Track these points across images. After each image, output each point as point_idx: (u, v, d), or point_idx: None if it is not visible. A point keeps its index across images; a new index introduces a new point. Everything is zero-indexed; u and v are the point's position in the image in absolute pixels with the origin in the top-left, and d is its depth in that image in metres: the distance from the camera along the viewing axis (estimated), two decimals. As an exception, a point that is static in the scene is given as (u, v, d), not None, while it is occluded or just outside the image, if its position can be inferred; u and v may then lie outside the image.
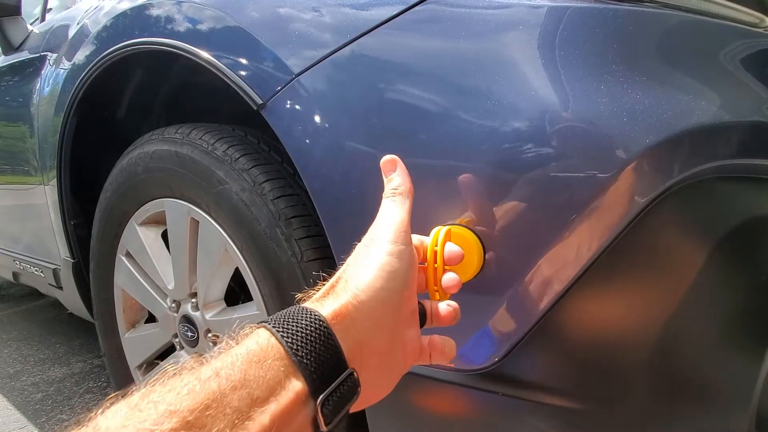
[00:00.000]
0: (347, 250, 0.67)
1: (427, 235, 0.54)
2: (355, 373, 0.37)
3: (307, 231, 0.76)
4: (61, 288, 1.40)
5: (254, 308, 0.83)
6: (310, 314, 0.37)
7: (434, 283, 0.54)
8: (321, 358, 0.35)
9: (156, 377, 0.32)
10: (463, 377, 0.62)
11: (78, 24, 1.23)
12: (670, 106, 0.53)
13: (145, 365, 1.13)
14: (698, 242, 0.57)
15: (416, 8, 0.62)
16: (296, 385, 0.34)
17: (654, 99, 0.53)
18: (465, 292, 0.59)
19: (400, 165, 0.49)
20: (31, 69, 1.39)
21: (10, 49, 1.53)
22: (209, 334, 0.93)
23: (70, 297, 1.37)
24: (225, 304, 0.92)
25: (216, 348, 0.36)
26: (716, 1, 0.65)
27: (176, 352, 1.04)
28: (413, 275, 0.44)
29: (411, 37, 0.62)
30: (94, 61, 1.03)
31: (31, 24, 1.61)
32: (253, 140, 0.86)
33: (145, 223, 1.02)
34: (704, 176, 0.55)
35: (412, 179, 0.50)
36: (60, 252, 1.33)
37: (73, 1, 1.48)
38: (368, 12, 0.65)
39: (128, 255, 1.07)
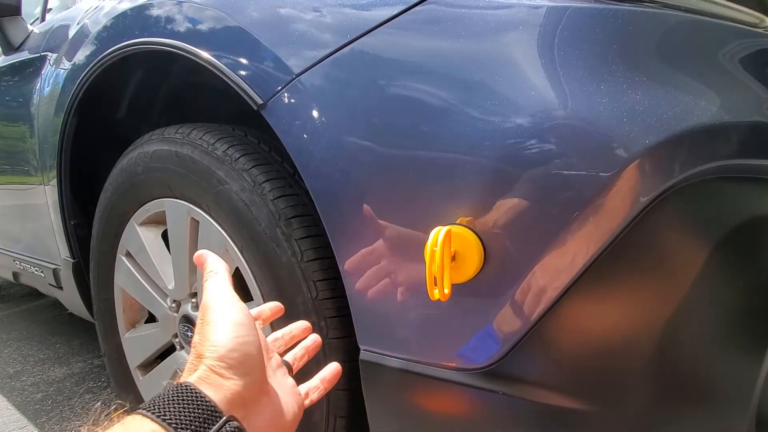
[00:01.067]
0: (347, 249, 0.67)
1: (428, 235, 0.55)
2: (234, 419, 0.39)
3: (307, 231, 0.76)
4: (61, 288, 1.40)
5: (254, 308, 0.83)
6: (175, 385, 0.39)
7: (433, 284, 0.54)
8: (192, 414, 0.37)
9: None
10: (463, 376, 0.62)
11: (78, 24, 1.23)
12: (670, 106, 0.53)
13: (145, 365, 1.13)
14: (699, 242, 0.57)
15: (416, 8, 0.62)
16: None
17: (654, 99, 0.53)
18: (465, 292, 0.59)
19: (207, 253, 0.54)
20: (31, 69, 1.39)
21: (10, 49, 1.53)
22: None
23: (70, 297, 1.37)
24: (225, 304, 0.92)
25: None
26: (716, 1, 0.65)
27: (176, 352, 1.04)
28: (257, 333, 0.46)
29: (411, 37, 0.62)
30: (95, 61, 1.03)
31: (31, 24, 1.61)
32: (253, 140, 0.86)
33: (145, 223, 1.02)
34: (705, 176, 0.55)
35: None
36: (60, 252, 1.33)
37: (73, 1, 1.48)
38: (368, 12, 0.65)
39: (128, 255, 1.07)
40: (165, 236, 1.00)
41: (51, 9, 1.67)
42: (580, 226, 0.53)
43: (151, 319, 1.10)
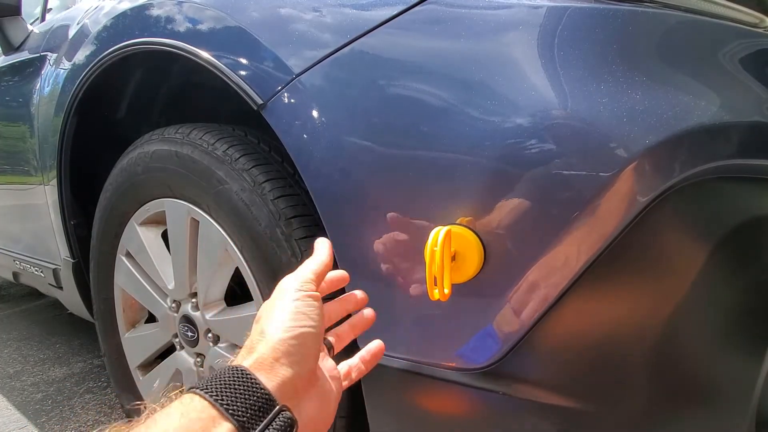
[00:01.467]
0: (348, 249, 0.67)
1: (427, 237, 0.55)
2: (287, 409, 0.39)
3: (307, 231, 0.76)
4: (61, 288, 1.40)
5: (254, 308, 0.83)
6: (231, 368, 0.39)
7: (433, 284, 0.54)
8: (247, 401, 0.37)
9: None
10: (463, 376, 0.62)
11: (78, 24, 1.23)
12: (670, 106, 0.53)
13: (145, 365, 1.14)
14: (698, 242, 0.57)
15: (416, 8, 0.62)
16: (225, 427, 0.36)
17: (654, 99, 0.53)
18: (465, 292, 0.59)
19: (321, 240, 0.56)
20: (31, 69, 1.39)
21: (10, 49, 1.53)
22: (209, 334, 0.93)
23: (70, 297, 1.37)
24: (225, 304, 0.92)
25: (143, 415, 0.38)
26: (716, 1, 0.65)
27: (176, 352, 1.04)
28: (322, 314, 0.47)
29: (411, 37, 0.62)
30: (95, 61, 1.03)
31: (31, 24, 1.61)
32: (253, 140, 0.86)
33: (145, 223, 1.02)
34: (704, 176, 0.55)
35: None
36: (60, 252, 1.33)
37: (73, 1, 1.48)
38: (368, 12, 0.65)
39: (128, 255, 1.07)
40: (165, 236, 1.00)
41: (51, 9, 1.67)
42: (580, 226, 0.53)
43: (151, 319, 1.10)
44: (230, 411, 0.36)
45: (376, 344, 0.56)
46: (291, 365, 0.40)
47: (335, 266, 0.70)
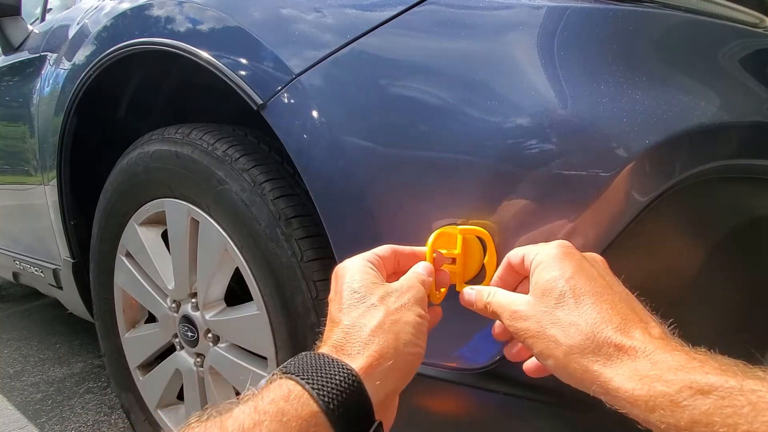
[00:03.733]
0: (347, 250, 0.67)
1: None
2: (382, 425, 0.38)
3: (307, 231, 0.76)
4: (61, 288, 1.40)
5: (254, 308, 0.83)
6: (343, 369, 0.37)
7: (435, 288, 0.54)
8: (352, 415, 0.35)
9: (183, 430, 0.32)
10: (464, 376, 0.62)
11: (78, 24, 1.23)
12: (670, 106, 0.53)
13: (145, 365, 1.14)
14: (698, 242, 0.57)
15: (416, 8, 0.62)
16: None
17: (654, 99, 0.53)
18: (466, 291, 0.59)
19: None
20: (31, 69, 1.39)
21: (10, 49, 1.53)
22: (209, 334, 0.93)
23: (70, 297, 1.37)
24: (225, 304, 0.92)
25: (240, 397, 0.36)
26: (716, 1, 0.65)
27: (176, 352, 1.04)
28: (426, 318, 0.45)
29: (411, 37, 0.62)
30: (95, 61, 1.03)
31: (31, 24, 1.61)
32: (253, 140, 0.86)
33: (145, 223, 1.02)
34: (705, 176, 0.55)
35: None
36: (60, 252, 1.33)
37: (73, 1, 1.48)
38: (368, 12, 0.65)
39: (128, 255, 1.07)
40: (165, 236, 1.00)
41: (51, 9, 1.67)
42: (579, 226, 0.53)
43: (151, 319, 1.10)
44: (339, 424, 0.34)
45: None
46: (394, 382, 0.40)
47: (335, 266, 0.70)
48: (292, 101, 0.70)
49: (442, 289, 0.55)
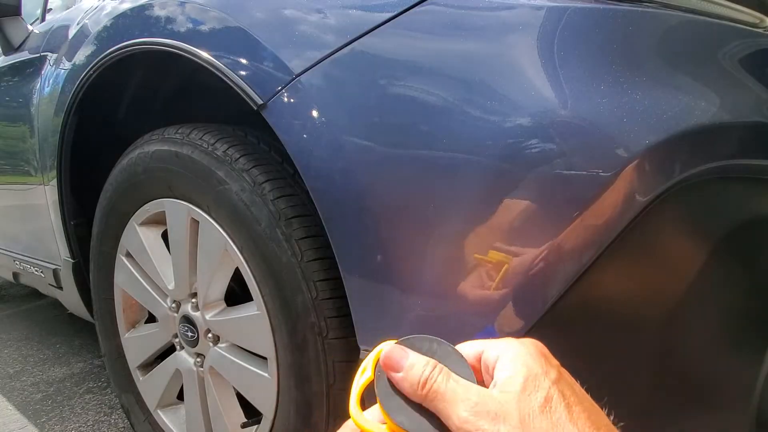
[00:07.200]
0: (347, 250, 0.67)
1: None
2: None
3: (307, 231, 0.76)
4: (61, 288, 1.40)
5: (254, 308, 0.83)
6: None
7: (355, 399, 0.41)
8: None
9: None
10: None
11: (78, 24, 1.23)
12: (670, 106, 0.54)
13: (145, 365, 1.13)
14: (698, 242, 0.57)
15: (416, 8, 0.62)
16: None
17: (654, 99, 0.53)
18: (466, 291, 0.59)
19: None
20: (31, 69, 1.40)
21: (10, 49, 1.53)
22: (209, 334, 0.93)
23: (70, 297, 1.37)
24: (225, 304, 0.92)
25: None
26: (716, 1, 0.65)
27: (176, 353, 1.04)
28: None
29: (411, 37, 0.62)
30: (95, 61, 1.03)
31: (31, 24, 1.61)
32: (253, 140, 0.86)
33: (145, 223, 1.02)
34: (705, 176, 0.55)
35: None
36: (60, 252, 1.33)
37: (73, 1, 1.48)
38: (369, 12, 0.65)
39: (128, 255, 1.07)
40: (165, 236, 1.00)
41: (51, 9, 1.67)
42: (579, 226, 0.53)
43: (151, 319, 1.10)
44: None
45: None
46: None
47: (335, 266, 0.70)
48: (292, 101, 0.70)
49: None
